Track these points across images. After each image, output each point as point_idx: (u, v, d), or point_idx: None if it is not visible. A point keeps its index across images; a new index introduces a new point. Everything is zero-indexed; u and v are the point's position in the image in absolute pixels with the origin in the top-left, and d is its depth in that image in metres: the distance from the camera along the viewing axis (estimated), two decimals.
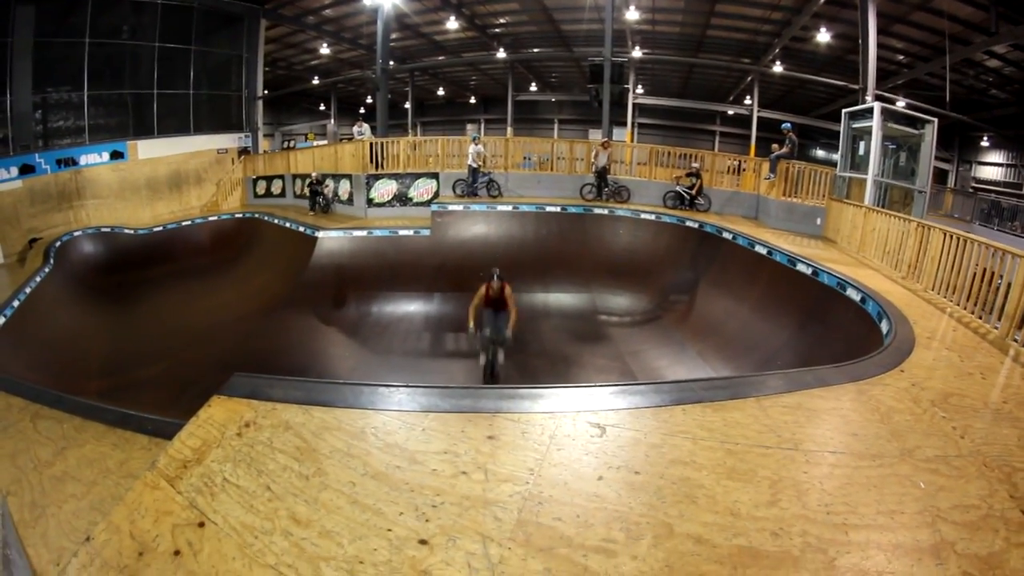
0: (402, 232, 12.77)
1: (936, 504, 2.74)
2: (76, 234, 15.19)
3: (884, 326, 5.98)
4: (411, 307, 11.61)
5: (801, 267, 8.81)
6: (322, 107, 36.11)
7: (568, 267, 12.16)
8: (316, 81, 31.51)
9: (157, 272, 14.75)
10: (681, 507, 2.55)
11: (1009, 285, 5.73)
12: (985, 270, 6.37)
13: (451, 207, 13.23)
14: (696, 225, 12.31)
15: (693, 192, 13.33)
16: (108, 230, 16.15)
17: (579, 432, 3.11)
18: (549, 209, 13.41)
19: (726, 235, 11.22)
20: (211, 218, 17.89)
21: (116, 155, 17.85)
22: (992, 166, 29.08)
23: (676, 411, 3.43)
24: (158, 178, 18.78)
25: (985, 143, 29.13)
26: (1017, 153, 26.62)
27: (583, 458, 2.88)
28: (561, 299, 11.85)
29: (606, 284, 12.09)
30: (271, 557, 2.16)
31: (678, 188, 13.57)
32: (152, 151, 18.66)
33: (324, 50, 27.46)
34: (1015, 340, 5.45)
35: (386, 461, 2.74)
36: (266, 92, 24.11)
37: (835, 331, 7.36)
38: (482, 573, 2.12)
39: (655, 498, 2.60)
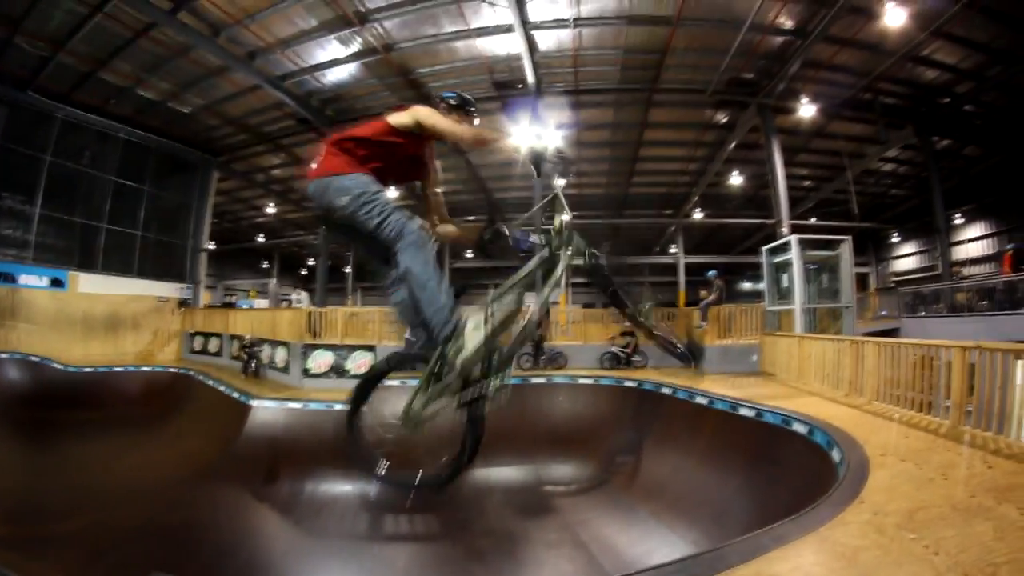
0: (338, 407, 12.27)
1: None
2: (2, 356, 14.59)
3: (835, 454, 5.89)
4: (347, 486, 10.97)
5: (743, 411, 8.83)
6: (265, 264, 36.58)
7: (509, 440, 11.75)
8: (261, 239, 32.09)
9: (83, 416, 13.99)
10: None
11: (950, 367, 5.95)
12: (923, 356, 6.68)
13: (388, 383, 12.91)
14: (635, 384, 12.42)
15: (629, 350, 13.62)
16: (36, 359, 15.52)
17: None
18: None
19: (665, 391, 11.28)
20: (144, 368, 17.31)
21: (56, 283, 17.68)
22: (907, 257, 31.51)
23: None
24: (95, 315, 18.42)
25: (895, 239, 31.67)
26: (926, 240, 29.02)
27: None
28: (504, 473, 11.44)
29: (549, 454, 11.84)
30: None
31: (614, 348, 13.87)
32: (93, 286, 18.51)
33: (270, 209, 28.26)
34: (967, 423, 5.57)
35: None
36: (212, 245, 24.26)
37: (786, 468, 7.22)
38: None
39: None
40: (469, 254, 33.20)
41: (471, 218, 29.01)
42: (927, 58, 16.14)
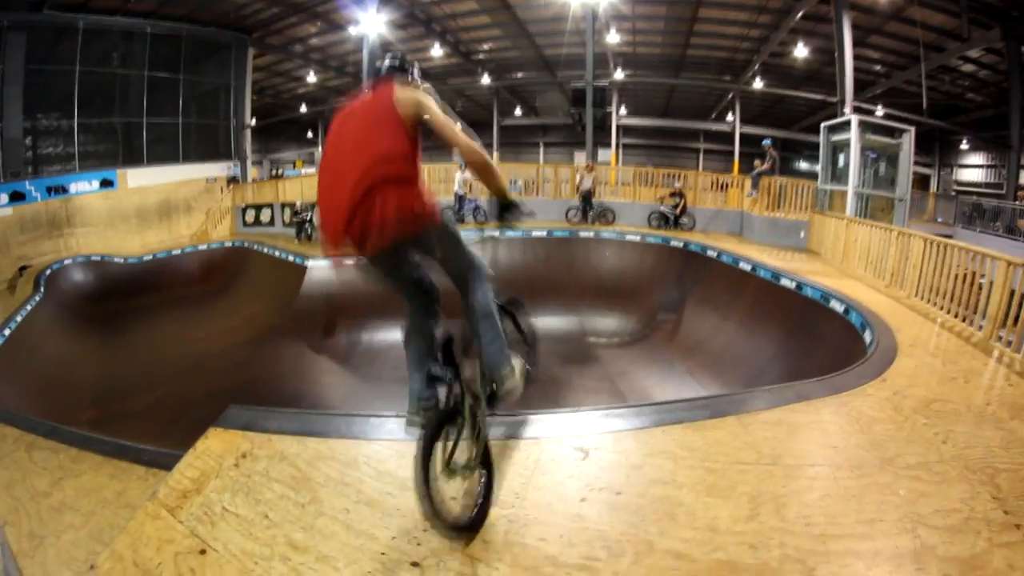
0: None
1: (917, 510, 2.75)
2: (66, 262, 15.21)
3: (867, 336, 6.05)
4: (400, 334, 11.52)
5: (785, 281, 8.96)
6: (310, 135, 36.32)
7: (556, 291, 12.24)
8: (304, 109, 31.73)
9: (147, 301, 14.74)
10: (661, 524, 2.60)
11: (991, 286, 5.82)
12: (967, 273, 6.50)
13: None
14: (681, 244, 12.50)
15: (677, 212, 13.54)
16: (98, 258, 16.21)
17: (563, 456, 3.16)
18: (536, 234, 13.55)
19: (711, 253, 11.41)
20: (201, 247, 17.92)
21: (106, 183, 18.02)
22: (973, 168, 29.44)
23: (657, 432, 3.47)
24: (147, 207, 18.88)
25: (964, 146, 29.53)
26: (996, 154, 26.97)
27: (566, 481, 2.92)
28: (550, 323, 11.80)
29: (594, 306, 12.22)
30: None
31: (662, 208, 13.77)
32: (141, 180, 18.83)
33: (311, 78, 27.72)
34: (999, 340, 5.51)
35: (379, 488, 2.80)
36: (254, 121, 24.25)
37: (820, 343, 7.44)
38: None
39: (636, 517, 2.65)
40: None
41: (519, 74, 28.19)
42: None
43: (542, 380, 9.46)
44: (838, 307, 7.28)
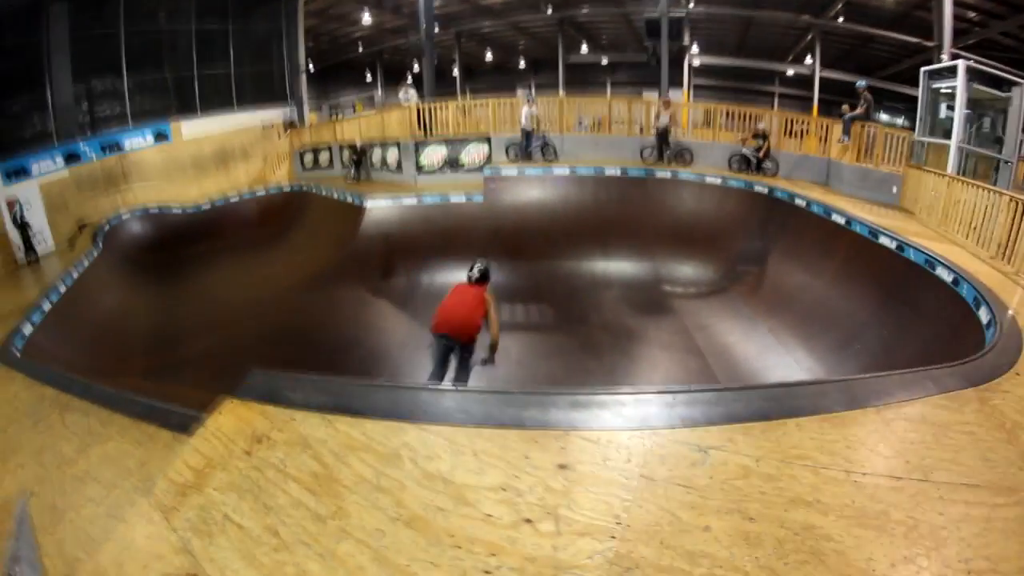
0: (453, 199, 12.39)
1: None
2: (124, 216, 15.35)
3: (983, 315, 5.34)
4: (463, 276, 11.24)
5: (884, 240, 8.05)
6: (368, 77, 35.89)
7: (629, 234, 11.54)
8: (360, 51, 31.25)
9: (205, 248, 14.78)
10: (807, 569, 2.00)
11: None
12: None
13: (504, 172, 12.74)
14: (765, 190, 11.50)
15: (760, 155, 12.53)
16: (155, 210, 16.28)
17: (676, 457, 2.51)
18: (608, 172, 12.77)
19: (799, 202, 10.45)
20: (258, 192, 17.86)
21: (160, 136, 18.03)
22: None
23: (790, 426, 2.81)
24: (203, 156, 18.85)
25: None
26: None
27: (684, 498, 2.28)
28: (622, 268, 11.28)
29: (670, 252, 11.44)
30: None
31: (744, 151, 12.76)
32: (196, 130, 18.79)
33: (367, 20, 27.11)
34: None
35: (425, 499, 2.20)
36: (311, 65, 23.95)
37: (923, 314, 6.68)
38: None
39: (775, 557, 2.03)
40: None
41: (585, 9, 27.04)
42: None
43: (614, 329, 9.03)
44: (945, 276, 6.45)
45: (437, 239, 11.70)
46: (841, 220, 9.31)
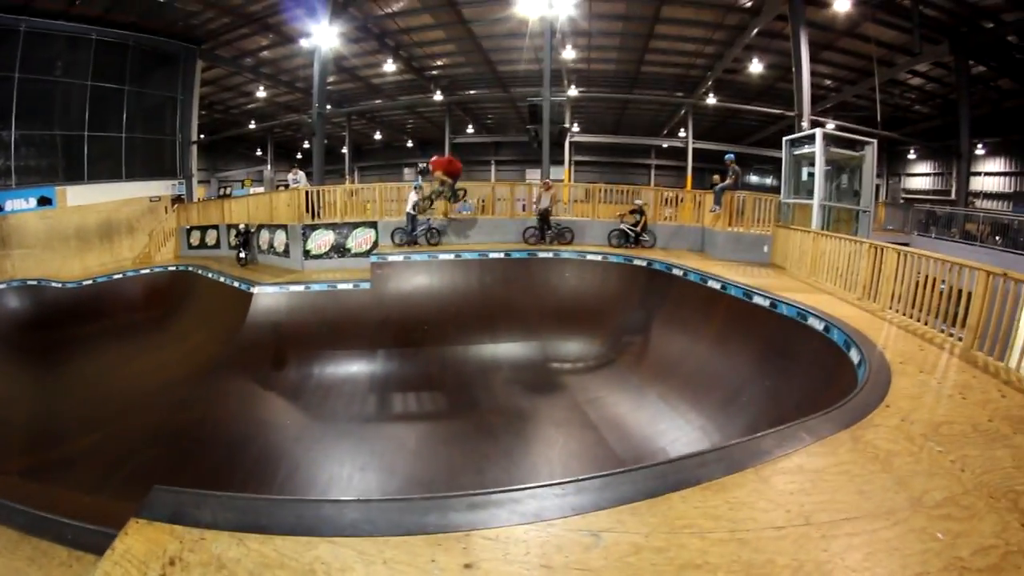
0: (341, 286, 12.18)
1: (957, 554, 2.65)
2: (1, 287, 14.41)
3: (854, 355, 5.81)
4: (354, 367, 10.95)
5: (758, 299, 8.63)
6: (259, 152, 35.44)
7: (516, 315, 11.79)
8: (253, 125, 30.91)
9: (86, 330, 13.95)
10: None
11: (968, 295, 5.82)
12: (927, 277, 6.54)
13: (391, 257, 12.70)
14: (644, 263, 12.11)
15: (638, 229, 13.24)
16: (35, 283, 15.37)
17: (570, 544, 2.61)
18: (492, 255, 13.05)
19: (676, 271, 11.04)
20: (143, 271, 16.99)
21: (44, 201, 17.09)
22: (920, 176, 30.70)
23: (675, 499, 2.99)
24: (88, 227, 17.93)
25: (912, 156, 30.76)
26: (942, 162, 28.12)
27: None
28: (511, 349, 11.42)
29: (556, 330, 11.72)
30: None
31: (622, 226, 13.46)
32: (82, 198, 17.91)
33: (261, 93, 27.04)
34: (980, 350, 5.55)
35: None
36: (201, 136, 23.31)
37: (800, 363, 7.15)
38: None
39: None
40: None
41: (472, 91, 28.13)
42: None
43: (507, 412, 9.03)
44: (817, 324, 6.99)
45: (326, 328, 11.48)
46: (717, 285, 9.86)
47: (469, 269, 12.86)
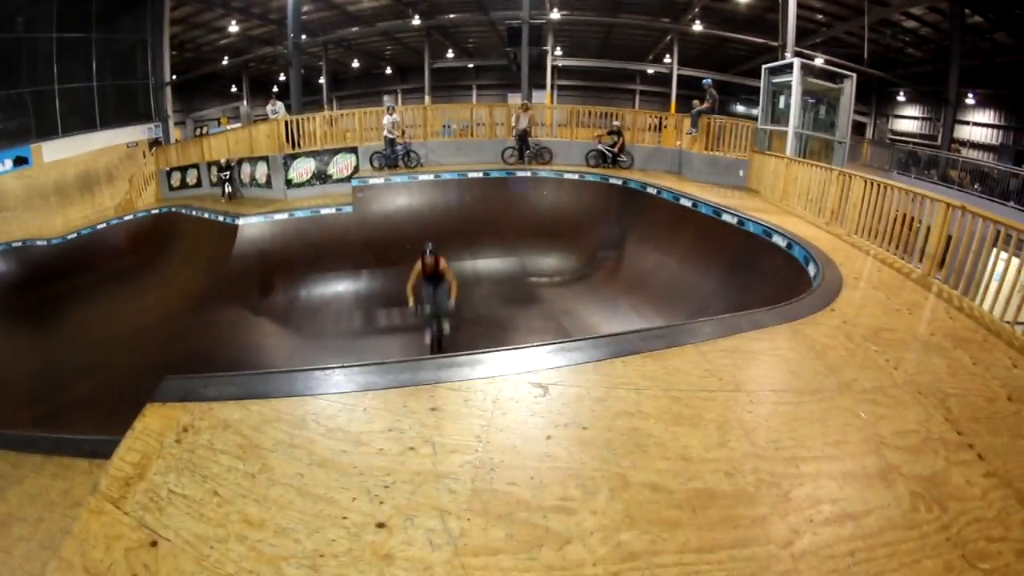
0: (324, 211, 12.40)
1: (878, 432, 2.90)
2: None
3: (811, 269, 6.18)
4: (340, 287, 11.34)
5: (726, 217, 9.03)
6: (234, 89, 34.43)
7: (495, 232, 12.13)
8: (226, 62, 29.95)
9: (76, 283, 14.04)
10: (633, 457, 2.56)
11: (928, 228, 6.06)
12: (905, 216, 6.74)
13: (372, 181, 12.89)
14: (620, 182, 12.40)
15: (615, 150, 13.45)
16: (19, 244, 15.36)
17: (522, 394, 3.05)
18: (471, 175, 13.28)
19: (650, 190, 11.38)
20: (127, 218, 16.96)
21: (20, 161, 16.78)
22: (908, 119, 30.73)
23: (616, 363, 3.40)
24: (67, 181, 17.69)
25: (901, 98, 30.70)
26: (931, 108, 28.12)
27: (529, 420, 2.82)
28: (491, 264, 11.80)
29: (534, 246, 12.13)
30: (230, 565, 2.05)
31: (600, 147, 13.65)
32: (58, 152, 17.58)
33: (233, 28, 26.12)
34: (936, 278, 5.79)
35: (331, 447, 2.62)
36: (174, 78, 22.82)
37: (763, 277, 7.56)
38: (444, 548, 2.07)
39: (606, 451, 2.60)
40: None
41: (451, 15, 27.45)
42: None
43: (487, 322, 9.47)
44: (780, 242, 7.39)
45: (311, 253, 11.76)
46: (688, 203, 10.25)
47: (448, 189, 13.11)
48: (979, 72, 23.20)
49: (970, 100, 26.23)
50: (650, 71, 31.24)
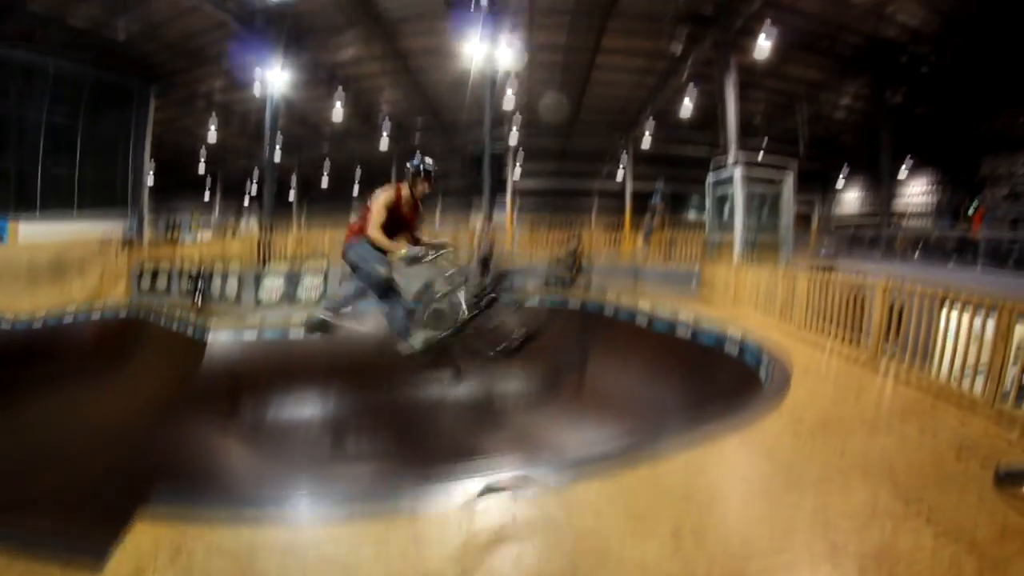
0: (292, 334, 12.50)
1: (825, 518, 3.05)
2: None
3: (762, 371, 6.52)
4: (308, 411, 11.39)
5: (681, 330, 9.55)
6: (207, 193, 35.25)
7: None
8: (202, 166, 30.87)
9: (37, 371, 13.57)
10: (596, 573, 2.76)
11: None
12: (854, 297, 7.27)
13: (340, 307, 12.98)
14: (578, 304, 12.94)
15: (573, 271, 14.03)
16: None
17: (491, 517, 3.24)
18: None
19: (607, 311, 11.93)
20: (95, 313, 16.74)
21: None
22: (850, 200, 32.58)
23: (577, 489, 3.58)
24: (39, 264, 17.51)
25: (841, 182, 32.68)
26: (870, 184, 30.02)
27: (499, 543, 3.01)
28: (458, 389, 11.81)
29: (498, 370, 12.22)
30: None
31: (558, 269, 14.22)
32: (34, 232, 17.72)
33: (212, 134, 27.11)
34: (884, 355, 6.17)
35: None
36: (152, 176, 23.41)
37: (719, 384, 7.83)
38: None
39: (571, 569, 2.78)
40: None
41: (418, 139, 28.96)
42: (891, 16, 16.63)
43: (455, 447, 9.55)
44: (733, 348, 7.84)
45: (279, 375, 11.82)
46: (644, 320, 10.73)
47: None
48: (907, 145, 25.42)
49: (903, 172, 28.22)
50: (607, 176, 32.80)
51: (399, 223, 5.53)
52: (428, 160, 5.58)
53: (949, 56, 18.24)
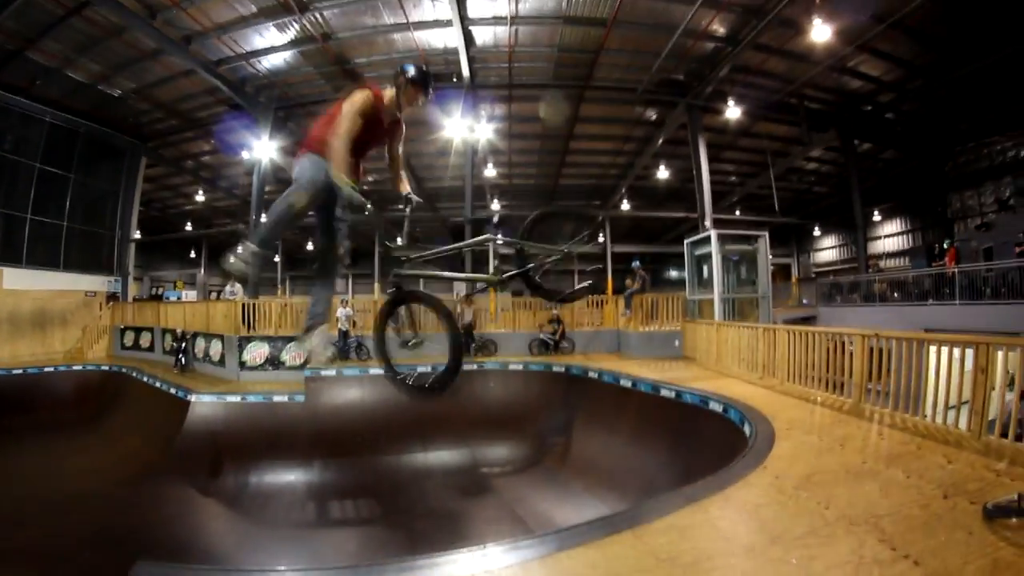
0: (276, 398, 12.55)
1: (811, 573, 3.02)
2: None
3: (747, 429, 6.50)
4: (292, 476, 11.27)
5: (665, 392, 9.59)
6: (193, 254, 35.36)
7: (445, 424, 12.34)
8: (189, 227, 31.01)
9: (15, 423, 13.71)
10: None
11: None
12: (836, 345, 7.36)
13: (324, 372, 13.08)
14: (563, 368, 13.06)
15: (557, 337, 14.26)
16: None
17: None
18: (420, 369, 13.42)
19: (592, 374, 12.03)
20: (75, 367, 16.72)
21: None
22: (827, 250, 33.53)
23: (561, 557, 3.56)
24: (22, 314, 17.65)
25: (817, 233, 33.57)
26: (843, 235, 31.15)
27: None
28: (441, 457, 11.99)
29: (484, 437, 12.38)
30: None
31: (542, 335, 14.49)
32: (19, 281, 17.69)
33: (199, 196, 27.40)
34: (867, 400, 6.24)
35: None
36: (139, 234, 23.47)
37: (704, 444, 7.88)
38: None
39: None
40: None
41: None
42: (853, 69, 17.31)
43: (439, 515, 9.51)
44: (717, 407, 7.86)
45: (262, 439, 11.75)
46: (628, 383, 10.81)
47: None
48: (878, 190, 26.36)
49: (877, 217, 29.19)
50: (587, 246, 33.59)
51: (371, 140, 4.20)
52: (424, 66, 4.58)
53: (911, 100, 19.13)
